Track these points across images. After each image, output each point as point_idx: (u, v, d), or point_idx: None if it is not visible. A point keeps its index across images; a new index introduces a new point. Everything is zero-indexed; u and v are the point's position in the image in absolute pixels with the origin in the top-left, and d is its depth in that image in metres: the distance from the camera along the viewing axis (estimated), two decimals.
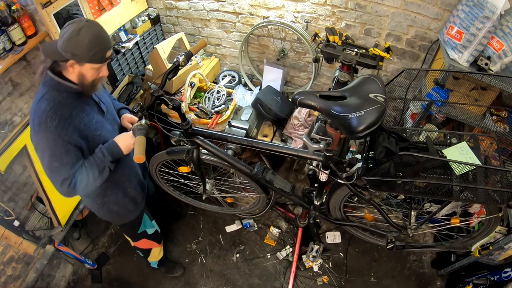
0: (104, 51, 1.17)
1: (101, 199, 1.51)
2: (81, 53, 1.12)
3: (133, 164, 1.56)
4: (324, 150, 1.24)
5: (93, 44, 1.12)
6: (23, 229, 1.93)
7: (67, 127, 1.17)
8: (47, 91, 1.19)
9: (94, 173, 1.27)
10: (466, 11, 1.46)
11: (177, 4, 2.39)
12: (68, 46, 1.10)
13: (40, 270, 2.05)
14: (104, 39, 1.16)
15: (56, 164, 1.19)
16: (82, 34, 1.09)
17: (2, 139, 1.78)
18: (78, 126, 1.21)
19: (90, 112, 1.29)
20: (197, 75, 2.24)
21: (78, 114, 1.23)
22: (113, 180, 1.44)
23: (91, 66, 1.17)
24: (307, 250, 2.17)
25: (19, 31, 1.64)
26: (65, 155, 1.19)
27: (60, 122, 1.16)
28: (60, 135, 1.16)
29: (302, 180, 2.59)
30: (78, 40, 1.09)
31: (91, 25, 1.12)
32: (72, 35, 1.09)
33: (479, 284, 1.80)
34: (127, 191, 1.56)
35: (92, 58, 1.14)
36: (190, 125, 1.41)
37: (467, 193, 1.17)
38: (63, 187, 1.24)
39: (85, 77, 1.20)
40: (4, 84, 1.75)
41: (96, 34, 1.12)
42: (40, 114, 1.16)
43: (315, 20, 2.06)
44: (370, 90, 1.11)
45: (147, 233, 1.85)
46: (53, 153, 1.18)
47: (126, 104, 2.14)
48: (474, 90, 1.62)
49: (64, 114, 1.18)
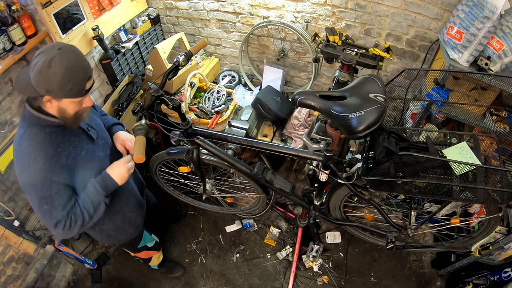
0: (81, 84, 1.03)
1: (99, 228, 1.44)
2: (56, 89, 0.99)
3: (130, 186, 1.49)
4: (324, 150, 1.24)
5: (68, 78, 0.98)
6: (23, 229, 1.93)
7: (53, 167, 1.07)
8: (27, 128, 1.08)
9: (89, 210, 1.19)
10: (466, 11, 1.46)
11: (177, 4, 2.39)
12: (40, 81, 0.97)
13: (40, 270, 2.05)
14: (81, 69, 1.01)
15: (47, 206, 1.10)
16: (54, 66, 0.95)
17: (2, 139, 1.78)
18: (65, 163, 1.11)
19: (78, 143, 1.18)
20: (197, 75, 2.24)
21: (64, 149, 1.12)
22: (110, 208, 1.35)
23: (70, 101, 1.05)
24: (307, 250, 2.17)
25: (19, 31, 1.64)
26: (55, 196, 1.10)
27: (45, 163, 1.05)
28: (47, 176, 1.06)
29: (302, 180, 2.59)
30: (50, 74, 0.95)
31: (63, 55, 0.97)
32: (43, 68, 0.95)
33: (479, 284, 1.80)
34: (126, 216, 1.49)
35: (69, 93, 1.01)
36: (190, 125, 1.41)
37: (467, 193, 1.17)
38: (58, 230, 1.15)
39: (66, 112, 1.08)
40: (4, 84, 1.75)
41: (71, 64, 0.98)
42: (22, 157, 1.06)
43: (315, 20, 2.06)
44: (370, 90, 1.11)
45: (147, 247, 1.84)
46: (42, 196, 1.08)
47: (126, 104, 2.15)
48: (474, 90, 1.62)
49: (49, 153, 1.07)
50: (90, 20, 1.97)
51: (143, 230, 1.76)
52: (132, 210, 1.52)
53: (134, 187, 1.54)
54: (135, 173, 1.59)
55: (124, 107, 2.14)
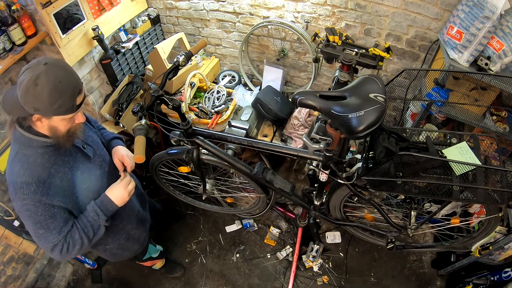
0: (72, 100, 0.97)
1: (102, 247, 1.41)
2: (44, 107, 0.93)
3: (131, 204, 1.44)
4: (324, 150, 1.24)
5: (56, 95, 0.92)
6: (23, 229, 1.92)
7: (47, 191, 1.02)
8: (19, 150, 1.03)
9: (89, 234, 1.15)
10: (466, 11, 1.46)
11: (177, 4, 2.39)
12: (27, 100, 0.92)
13: (40, 270, 2.05)
14: (69, 85, 0.96)
15: (42, 231, 1.06)
16: (41, 83, 0.90)
17: (2, 139, 1.78)
18: (60, 185, 1.06)
19: (74, 163, 1.13)
20: (197, 75, 2.24)
21: (58, 171, 1.07)
22: (112, 228, 1.33)
23: (61, 118, 0.99)
24: (307, 250, 2.17)
25: (19, 31, 1.64)
26: (50, 220, 1.05)
27: (38, 187, 1.00)
28: (41, 200, 1.02)
29: (302, 180, 2.59)
30: (37, 93, 0.90)
31: (49, 70, 0.92)
32: (29, 86, 0.90)
33: (479, 284, 1.80)
34: (130, 234, 1.46)
35: (58, 110, 0.96)
36: (190, 125, 1.41)
37: (467, 193, 1.17)
38: (55, 254, 1.11)
39: (57, 130, 1.03)
40: (4, 84, 1.75)
41: (58, 80, 0.92)
42: (14, 180, 1.01)
43: (315, 20, 2.06)
44: (370, 90, 1.11)
45: (152, 257, 1.84)
46: (36, 221, 1.04)
47: (126, 104, 2.15)
48: (474, 90, 1.62)
49: (42, 176, 1.02)
50: (90, 20, 1.97)
51: (148, 244, 1.75)
52: (135, 228, 1.49)
53: (135, 204, 1.51)
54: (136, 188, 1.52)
55: (124, 107, 2.14)
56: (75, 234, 1.12)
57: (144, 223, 1.59)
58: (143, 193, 1.68)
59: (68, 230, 1.11)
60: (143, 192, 1.68)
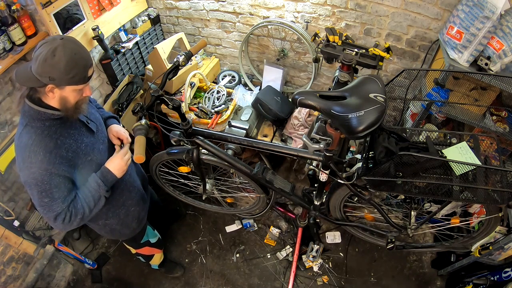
0: (85, 71, 1.06)
1: (102, 222, 1.46)
2: (60, 76, 1.01)
3: (132, 180, 1.50)
4: (324, 150, 1.25)
5: (72, 64, 1.01)
6: (23, 229, 1.93)
7: (54, 160, 1.09)
8: (27, 123, 1.10)
9: (90, 204, 1.21)
10: (466, 11, 1.46)
11: (177, 4, 2.39)
12: (44, 69, 1.00)
13: (40, 270, 2.04)
14: (84, 57, 1.06)
15: (47, 199, 1.11)
16: (58, 55, 0.99)
17: (2, 139, 1.78)
18: (65, 155, 1.13)
19: (78, 136, 1.20)
20: (197, 75, 2.24)
21: (64, 142, 1.14)
22: (113, 202, 1.39)
23: (72, 88, 1.07)
24: (307, 250, 2.18)
25: (19, 31, 1.64)
26: (55, 189, 1.11)
27: (45, 156, 1.07)
28: (47, 169, 1.08)
29: (302, 180, 2.59)
30: (55, 62, 0.99)
31: (66, 43, 1.01)
32: (47, 57, 0.99)
33: (479, 284, 1.80)
34: (129, 210, 1.51)
35: (72, 80, 1.04)
36: (190, 125, 1.41)
37: (467, 193, 1.17)
38: (58, 223, 1.16)
39: (67, 101, 1.10)
40: (4, 84, 1.75)
41: (74, 52, 1.02)
42: (22, 150, 1.08)
43: (315, 20, 2.06)
44: (370, 90, 1.11)
45: (150, 242, 1.85)
46: (42, 189, 1.10)
47: (126, 104, 2.15)
48: (474, 90, 1.62)
49: (49, 146, 1.09)
50: (90, 20, 1.97)
51: (146, 225, 1.77)
52: (135, 204, 1.53)
53: (136, 180, 1.56)
54: (137, 167, 1.62)
55: (124, 107, 2.14)
56: (78, 204, 1.18)
57: (144, 201, 1.63)
58: (144, 175, 1.74)
59: (72, 200, 1.17)
60: (144, 174, 1.74)
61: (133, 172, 1.54)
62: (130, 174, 1.48)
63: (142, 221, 1.66)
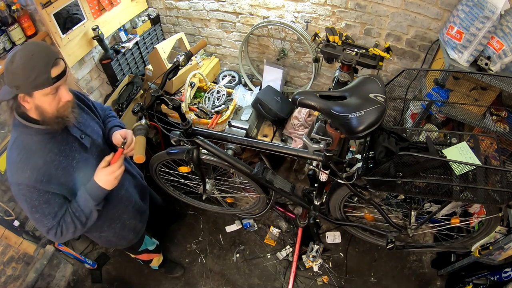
0: (45, 71, 0.97)
1: (98, 234, 1.44)
2: (22, 82, 0.96)
3: (128, 194, 1.46)
4: (324, 150, 1.24)
5: (30, 66, 0.95)
6: (23, 229, 1.93)
7: (41, 178, 1.05)
8: (17, 136, 1.08)
9: (81, 218, 1.17)
10: (466, 11, 1.46)
11: (177, 4, 2.39)
12: (8, 78, 0.98)
13: (40, 270, 2.04)
14: (42, 56, 0.98)
15: (38, 215, 1.10)
16: (16, 60, 0.95)
17: (2, 139, 1.78)
18: (54, 173, 1.09)
19: (70, 153, 1.15)
20: (197, 75, 2.24)
21: (54, 159, 1.10)
22: (107, 216, 1.36)
23: (41, 93, 1.00)
24: (307, 250, 2.17)
25: (19, 31, 1.64)
26: (45, 205, 1.09)
27: (32, 173, 1.04)
28: (35, 186, 1.05)
29: (302, 180, 2.59)
30: (13, 68, 0.96)
31: (25, 47, 0.98)
32: (7, 65, 0.97)
33: (479, 284, 1.80)
34: (125, 223, 1.48)
35: (35, 83, 0.97)
36: (190, 125, 1.41)
37: (467, 193, 1.17)
38: (50, 236, 1.15)
39: (44, 110, 1.04)
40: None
41: (31, 54, 0.96)
42: (11, 166, 1.06)
43: (315, 20, 2.07)
44: (370, 90, 1.11)
45: (148, 250, 1.84)
46: (31, 205, 1.08)
47: (126, 104, 2.15)
48: (474, 90, 1.62)
49: (37, 164, 1.05)
50: (90, 20, 1.97)
51: (144, 235, 1.76)
52: (131, 217, 1.50)
53: (133, 194, 1.51)
54: (135, 178, 1.56)
55: (124, 107, 2.14)
56: (68, 218, 1.15)
57: (142, 214, 1.60)
58: (143, 185, 1.68)
59: (63, 214, 1.14)
60: (143, 184, 1.68)
61: (130, 187, 1.49)
62: (126, 189, 1.44)
63: (139, 232, 1.64)
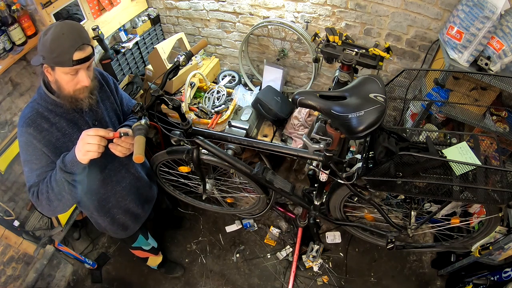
0: (68, 52, 1.01)
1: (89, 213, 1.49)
2: (47, 55, 1.02)
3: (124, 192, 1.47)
4: (324, 150, 1.24)
5: (56, 43, 0.99)
6: (23, 229, 1.93)
7: (40, 138, 1.11)
8: (35, 99, 1.15)
9: (52, 184, 1.11)
10: (466, 11, 1.46)
11: (177, 4, 2.39)
12: (39, 47, 1.04)
13: (40, 270, 2.04)
14: (71, 38, 1.01)
15: (27, 169, 1.14)
16: (48, 34, 1.00)
17: (2, 139, 1.78)
18: (54, 142, 1.14)
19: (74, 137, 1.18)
20: (197, 75, 2.24)
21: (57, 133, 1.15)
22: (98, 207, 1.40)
23: (61, 71, 1.05)
24: (307, 250, 2.18)
25: (19, 31, 1.64)
26: (35, 161, 1.13)
27: (34, 131, 1.10)
28: (33, 142, 1.11)
29: (302, 180, 2.59)
30: (44, 40, 1.01)
31: (62, 24, 1.02)
32: (42, 36, 1.02)
33: (479, 284, 1.80)
34: (115, 218, 1.51)
35: (56, 60, 1.02)
36: (190, 125, 1.41)
37: (467, 193, 1.16)
38: (30, 195, 1.16)
39: (61, 86, 1.09)
40: (4, 84, 1.75)
41: (62, 32, 1.00)
42: (21, 119, 1.13)
43: (315, 20, 2.06)
44: (370, 90, 1.11)
45: (142, 248, 1.85)
46: (25, 158, 1.14)
47: None
48: (474, 90, 1.62)
49: (41, 126, 1.12)
50: (90, 20, 1.97)
51: (138, 234, 1.76)
52: (121, 214, 1.52)
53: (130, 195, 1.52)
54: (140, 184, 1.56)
55: None
56: (45, 183, 1.13)
57: (136, 217, 1.61)
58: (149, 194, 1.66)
59: (44, 178, 1.15)
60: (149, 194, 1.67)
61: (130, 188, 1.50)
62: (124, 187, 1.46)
63: (130, 232, 1.65)
